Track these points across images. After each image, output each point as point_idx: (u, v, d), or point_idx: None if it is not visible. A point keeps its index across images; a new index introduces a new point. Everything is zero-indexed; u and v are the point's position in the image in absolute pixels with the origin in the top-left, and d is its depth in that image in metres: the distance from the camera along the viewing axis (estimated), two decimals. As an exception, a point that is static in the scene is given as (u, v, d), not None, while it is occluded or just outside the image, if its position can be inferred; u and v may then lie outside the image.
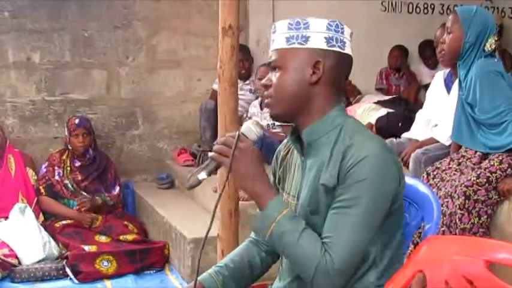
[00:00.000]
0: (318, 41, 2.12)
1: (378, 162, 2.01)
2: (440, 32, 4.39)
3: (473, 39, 3.91)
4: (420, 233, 2.96)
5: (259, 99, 5.91)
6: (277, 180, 2.36)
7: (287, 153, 2.35)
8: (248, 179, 2.08)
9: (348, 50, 2.16)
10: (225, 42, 3.39)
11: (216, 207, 2.18)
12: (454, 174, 3.95)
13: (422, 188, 2.49)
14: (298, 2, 6.46)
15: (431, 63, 7.22)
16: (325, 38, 2.12)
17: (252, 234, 2.49)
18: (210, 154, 2.13)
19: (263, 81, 2.22)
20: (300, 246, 2.01)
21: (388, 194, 2.05)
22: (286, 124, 5.31)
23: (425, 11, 7.71)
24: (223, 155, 2.09)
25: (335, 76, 2.15)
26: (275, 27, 2.19)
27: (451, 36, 3.98)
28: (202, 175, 2.11)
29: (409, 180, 2.48)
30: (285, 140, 2.38)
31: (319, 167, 2.12)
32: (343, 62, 2.16)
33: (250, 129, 2.16)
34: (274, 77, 2.17)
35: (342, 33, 2.15)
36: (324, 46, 2.12)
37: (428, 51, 7.03)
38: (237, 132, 2.13)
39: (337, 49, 2.13)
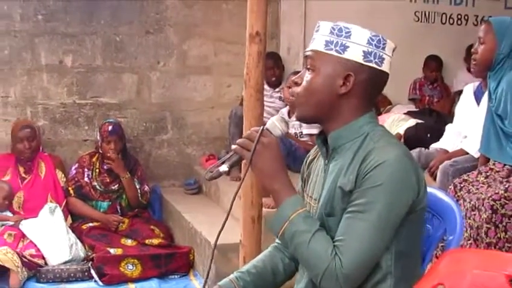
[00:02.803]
0: (355, 53, 2.09)
1: (395, 168, 1.99)
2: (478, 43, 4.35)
3: (507, 50, 3.87)
4: (443, 245, 2.92)
5: (288, 107, 5.90)
6: (303, 184, 2.36)
7: (315, 157, 2.34)
8: (267, 174, 2.08)
9: (385, 67, 2.12)
10: (252, 49, 3.39)
11: (234, 198, 2.18)
12: (482, 186, 3.89)
13: (446, 199, 2.46)
14: (331, 12, 6.43)
15: (473, 69, 7.10)
16: (364, 51, 2.09)
17: (277, 240, 2.45)
18: (233, 147, 2.13)
19: (295, 77, 2.21)
20: (311, 247, 1.99)
21: (404, 202, 2.01)
22: (313, 134, 5.37)
23: (459, 22, 7.66)
24: (245, 149, 2.08)
25: (365, 91, 2.13)
26: (318, 27, 2.17)
27: (484, 46, 3.93)
28: (223, 167, 2.10)
29: (433, 191, 2.47)
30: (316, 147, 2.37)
31: (338, 171, 2.11)
32: (377, 79, 2.13)
33: (274, 125, 2.15)
34: (306, 77, 2.16)
35: (383, 48, 2.11)
36: (360, 60, 2.09)
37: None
38: (261, 127, 2.12)
39: (374, 65, 2.10)
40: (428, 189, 2.49)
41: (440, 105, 7.11)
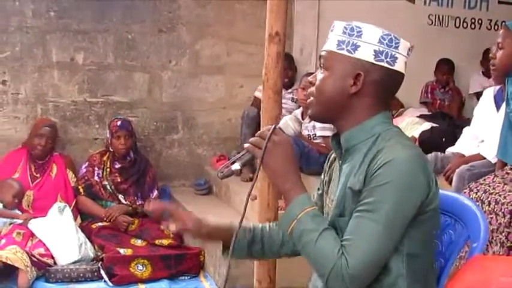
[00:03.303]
0: (366, 52, 2.09)
1: (403, 166, 1.96)
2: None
3: None
4: (464, 251, 2.88)
5: (301, 108, 5.85)
6: (326, 186, 2.34)
7: (336, 158, 2.32)
8: (278, 173, 2.08)
9: (398, 67, 2.10)
10: (271, 49, 3.34)
11: (249, 194, 2.17)
12: (498, 186, 3.84)
13: (470, 205, 2.41)
14: (345, 13, 6.33)
15: (489, 73, 7.03)
16: (375, 51, 2.09)
17: None
18: (245, 145, 2.13)
19: (310, 77, 2.22)
20: (318, 246, 1.97)
21: (413, 202, 1.98)
22: (326, 136, 5.33)
23: (473, 26, 7.65)
24: (257, 147, 2.08)
25: (377, 90, 2.11)
26: (333, 27, 2.18)
27: (503, 52, 3.87)
28: (235, 166, 2.11)
29: (456, 196, 2.46)
30: None
31: (349, 172, 2.10)
32: (389, 78, 2.11)
33: (287, 124, 2.16)
34: (318, 77, 2.17)
35: (396, 48, 2.10)
36: (371, 59, 2.08)
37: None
38: (273, 125, 2.12)
39: (385, 64, 2.08)
40: (452, 195, 2.47)
41: (450, 108, 7.07)
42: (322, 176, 2.40)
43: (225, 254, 2.47)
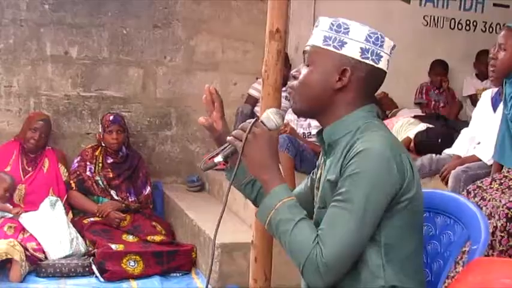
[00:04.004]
0: (352, 49, 2.12)
1: (374, 156, 1.98)
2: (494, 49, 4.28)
3: None
4: (463, 252, 2.86)
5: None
6: (317, 181, 2.33)
7: None
8: (257, 164, 2.11)
9: (382, 65, 2.14)
10: (272, 46, 3.31)
11: (228, 190, 2.20)
12: (496, 193, 3.83)
13: (470, 207, 2.40)
14: (340, 13, 6.34)
15: (482, 76, 7.05)
16: (361, 48, 2.12)
17: None
18: (227, 138, 2.16)
19: (293, 71, 2.24)
20: (294, 235, 1.99)
21: (385, 190, 2.00)
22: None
23: (467, 27, 7.66)
24: (238, 139, 2.11)
25: (361, 87, 2.15)
26: (318, 22, 2.19)
27: (505, 53, 3.86)
28: (218, 158, 2.14)
29: (457, 197, 2.45)
30: None
31: (330, 165, 2.13)
32: (373, 76, 2.16)
33: (269, 118, 2.19)
34: (303, 71, 2.18)
35: (381, 46, 2.14)
36: (357, 56, 2.12)
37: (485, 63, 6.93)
38: (254, 118, 2.16)
39: (371, 62, 2.13)
40: (452, 195, 2.47)
41: (447, 110, 7.08)
42: (315, 171, 2.41)
43: (226, 174, 2.48)
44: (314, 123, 5.47)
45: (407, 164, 2.06)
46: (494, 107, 4.53)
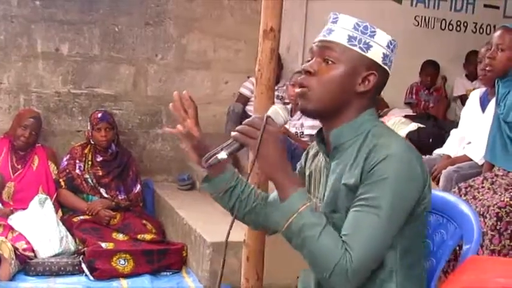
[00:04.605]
0: (377, 54, 2.09)
1: (401, 160, 1.96)
2: (485, 49, 4.29)
3: None
4: (456, 251, 2.87)
5: (290, 105, 5.82)
6: (307, 179, 2.30)
7: (317, 152, 2.29)
8: (274, 164, 1.99)
9: (391, 71, 2.15)
10: (266, 45, 3.31)
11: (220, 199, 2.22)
12: (487, 192, 3.85)
13: (463, 206, 2.41)
14: (332, 11, 6.39)
15: (472, 76, 7.06)
16: (383, 54, 2.10)
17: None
18: (232, 134, 2.03)
19: (307, 66, 2.12)
20: (322, 240, 1.92)
21: (412, 194, 1.99)
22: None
23: (458, 28, 7.69)
24: (249, 136, 1.99)
25: (375, 92, 2.13)
26: (337, 18, 2.16)
27: (503, 54, 3.88)
28: (222, 155, 2.01)
29: (449, 197, 2.46)
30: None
31: (341, 169, 2.08)
32: (385, 82, 2.15)
33: (278, 113, 2.06)
34: (322, 68, 2.09)
35: (395, 53, 2.14)
36: (380, 61, 2.09)
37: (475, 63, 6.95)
38: (265, 114, 2.03)
39: (387, 68, 2.12)
40: (445, 195, 2.49)
41: (435, 110, 7.09)
42: (298, 170, 2.38)
43: (203, 184, 2.41)
44: (307, 123, 5.47)
45: (424, 164, 2.06)
46: (483, 107, 4.55)
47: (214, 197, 2.41)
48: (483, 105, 4.58)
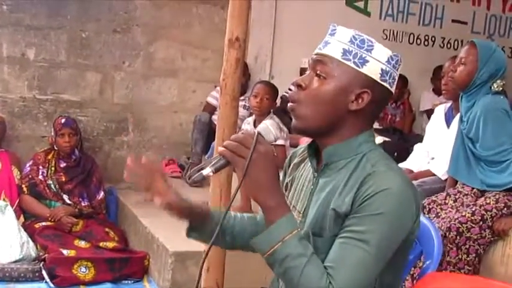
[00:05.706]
0: (374, 69, 1.96)
1: (398, 197, 1.85)
2: (449, 64, 4.33)
3: (486, 77, 3.86)
4: (416, 266, 2.89)
5: (254, 116, 5.82)
6: (284, 185, 2.24)
7: (301, 161, 2.22)
8: (262, 187, 1.85)
9: (393, 88, 2.01)
10: (231, 55, 3.31)
11: (225, 212, 2.01)
12: (450, 211, 3.88)
13: (425, 223, 2.43)
14: (301, 24, 6.46)
15: (439, 91, 7.08)
16: (382, 70, 1.97)
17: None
18: (220, 150, 1.89)
19: (299, 80, 2.02)
20: (306, 272, 1.81)
21: (403, 232, 1.90)
22: (280, 145, 5.29)
23: (426, 43, 7.76)
24: (237, 155, 1.85)
25: (372, 111, 2.01)
26: (335, 30, 2.06)
27: (464, 68, 3.91)
28: (207, 171, 1.88)
29: None
30: (302, 147, 2.25)
31: (331, 191, 1.97)
32: (385, 100, 2.05)
33: (269, 130, 1.93)
34: (314, 83, 1.99)
35: (397, 69, 2.01)
36: (377, 78, 1.96)
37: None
38: (256, 132, 1.89)
39: (387, 85, 1.98)
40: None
41: (401, 124, 7.13)
42: (281, 177, 2.25)
43: (192, 234, 2.32)
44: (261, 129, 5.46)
45: (419, 200, 1.98)
46: (448, 123, 4.57)
47: (207, 243, 2.23)
48: (448, 120, 4.60)
